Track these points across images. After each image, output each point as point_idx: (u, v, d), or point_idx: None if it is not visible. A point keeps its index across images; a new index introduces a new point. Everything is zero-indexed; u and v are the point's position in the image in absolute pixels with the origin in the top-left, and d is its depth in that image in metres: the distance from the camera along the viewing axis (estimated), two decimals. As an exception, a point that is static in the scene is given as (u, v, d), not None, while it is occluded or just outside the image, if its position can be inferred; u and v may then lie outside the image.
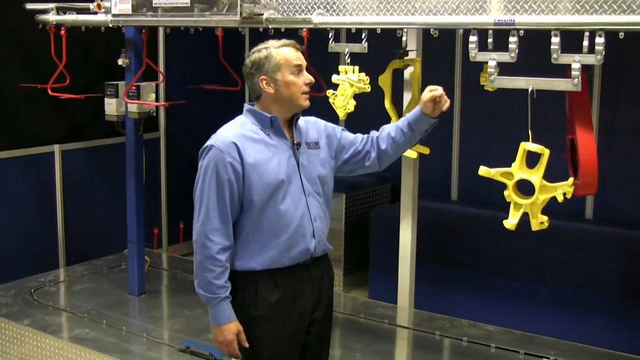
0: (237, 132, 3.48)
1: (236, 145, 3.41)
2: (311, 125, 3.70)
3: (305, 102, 3.53)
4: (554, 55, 3.79)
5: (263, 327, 3.52)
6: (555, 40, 3.78)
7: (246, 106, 3.60)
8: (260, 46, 3.53)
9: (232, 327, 3.46)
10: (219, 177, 3.40)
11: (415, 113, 3.69)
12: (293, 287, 3.55)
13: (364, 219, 7.11)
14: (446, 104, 3.61)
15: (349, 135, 3.81)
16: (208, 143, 3.47)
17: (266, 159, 3.45)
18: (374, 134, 3.81)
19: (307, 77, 3.52)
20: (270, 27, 4.83)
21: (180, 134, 8.50)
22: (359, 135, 3.82)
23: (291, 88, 3.48)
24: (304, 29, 4.74)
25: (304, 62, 3.54)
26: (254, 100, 3.59)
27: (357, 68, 4.52)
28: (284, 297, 3.52)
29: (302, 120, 3.67)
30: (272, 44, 3.52)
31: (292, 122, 3.60)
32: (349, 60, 4.59)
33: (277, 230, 3.48)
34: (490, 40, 4.01)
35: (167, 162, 8.46)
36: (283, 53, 3.48)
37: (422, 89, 5.08)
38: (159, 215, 8.45)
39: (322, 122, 3.78)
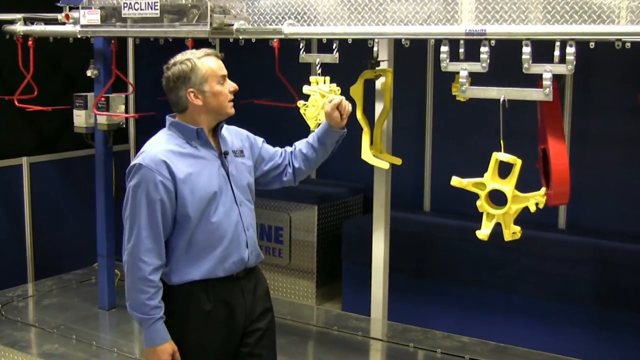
0: (164, 148, 3.44)
1: (166, 162, 3.38)
2: (234, 134, 3.72)
3: (232, 110, 3.56)
4: (525, 65, 3.79)
5: (193, 336, 3.49)
6: (527, 50, 3.78)
7: (169, 119, 3.57)
8: (181, 57, 3.50)
9: (168, 348, 3.45)
10: (150, 196, 3.36)
11: (323, 127, 3.80)
12: (225, 299, 3.52)
13: (336, 230, 7.07)
14: (347, 107, 3.74)
15: (269, 148, 3.87)
16: (136, 161, 3.41)
17: (197, 173, 3.44)
18: (288, 149, 3.90)
19: (231, 85, 3.55)
20: (240, 37, 4.80)
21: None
22: (278, 149, 3.89)
23: (219, 98, 3.49)
24: (275, 40, 4.72)
25: (226, 71, 3.55)
26: (178, 112, 3.55)
27: (328, 79, 4.48)
28: (215, 308, 3.49)
29: (225, 129, 3.67)
30: (193, 54, 3.50)
31: (215, 131, 3.60)
32: (320, 71, 4.57)
33: (212, 243, 3.46)
34: (461, 50, 4.00)
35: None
36: (208, 64, 3.47)
37: (394, 99, 5.13)
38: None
39: (243, 131, 3.81)
